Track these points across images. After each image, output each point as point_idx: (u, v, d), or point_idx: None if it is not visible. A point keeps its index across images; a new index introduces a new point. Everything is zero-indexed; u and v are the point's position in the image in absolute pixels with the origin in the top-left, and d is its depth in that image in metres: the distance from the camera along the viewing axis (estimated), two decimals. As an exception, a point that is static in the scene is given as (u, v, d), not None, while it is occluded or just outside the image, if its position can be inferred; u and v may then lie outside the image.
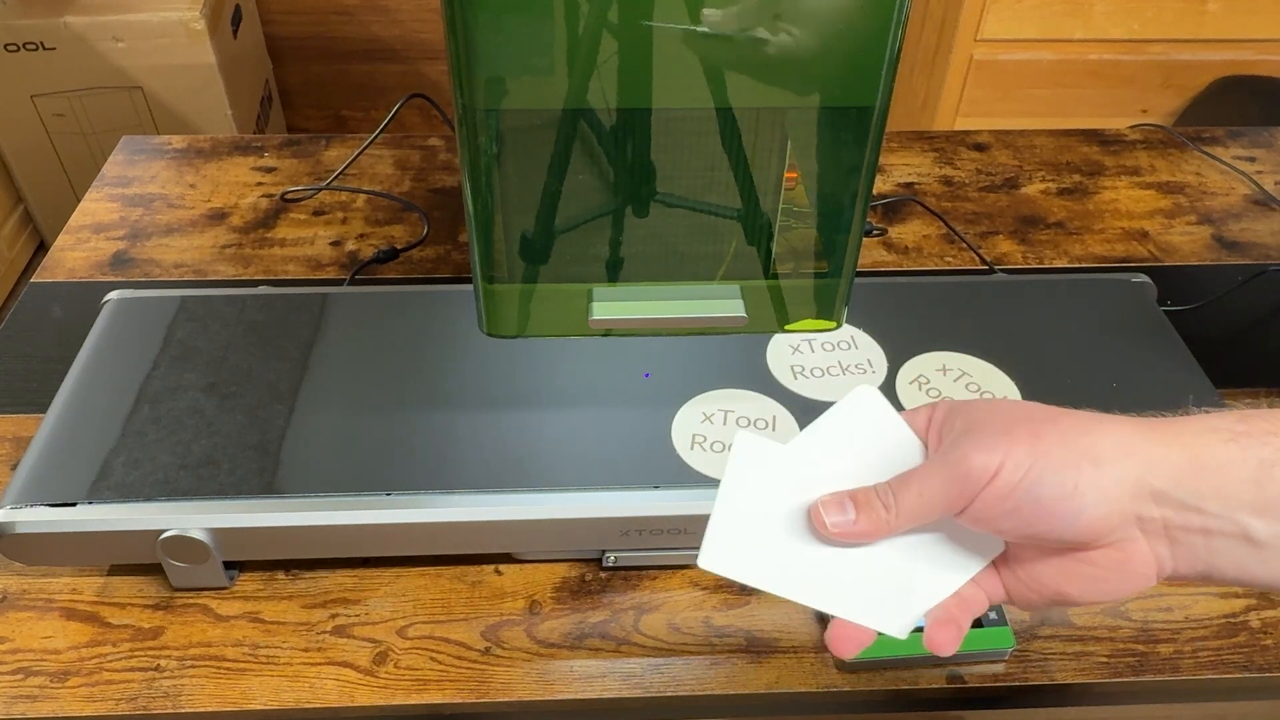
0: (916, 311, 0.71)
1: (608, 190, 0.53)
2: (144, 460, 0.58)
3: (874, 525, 0.38)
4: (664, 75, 0.48)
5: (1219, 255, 0.88)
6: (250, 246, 0.87)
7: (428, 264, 0.85)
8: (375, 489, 0.57)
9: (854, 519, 0.38)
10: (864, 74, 0.48)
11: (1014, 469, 0.35)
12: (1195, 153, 1.02)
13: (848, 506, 0.39)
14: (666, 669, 0.57)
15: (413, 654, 0.57)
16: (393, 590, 0.60)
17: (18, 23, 1.65)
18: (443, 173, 0.97)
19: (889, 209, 0.93)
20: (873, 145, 0.51)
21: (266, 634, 0.58)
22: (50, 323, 0.78)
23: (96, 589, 0.60)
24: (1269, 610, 0.60)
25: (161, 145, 1.00)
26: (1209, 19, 1.65)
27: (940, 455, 0.38)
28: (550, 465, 0.59)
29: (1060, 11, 1.63)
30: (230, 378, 0.64)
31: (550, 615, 0.59)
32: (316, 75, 2.22)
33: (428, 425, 0.61)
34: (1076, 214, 0.93)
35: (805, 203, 0.54)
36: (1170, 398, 0.64)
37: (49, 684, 0.55)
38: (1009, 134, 1.04)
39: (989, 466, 0.35)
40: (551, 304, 0.57)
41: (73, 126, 1.77)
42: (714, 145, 0.51)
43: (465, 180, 0.52)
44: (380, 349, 0.66)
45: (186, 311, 0.68)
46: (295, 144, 1.00)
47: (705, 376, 0.65)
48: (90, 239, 0.87)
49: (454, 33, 0.46)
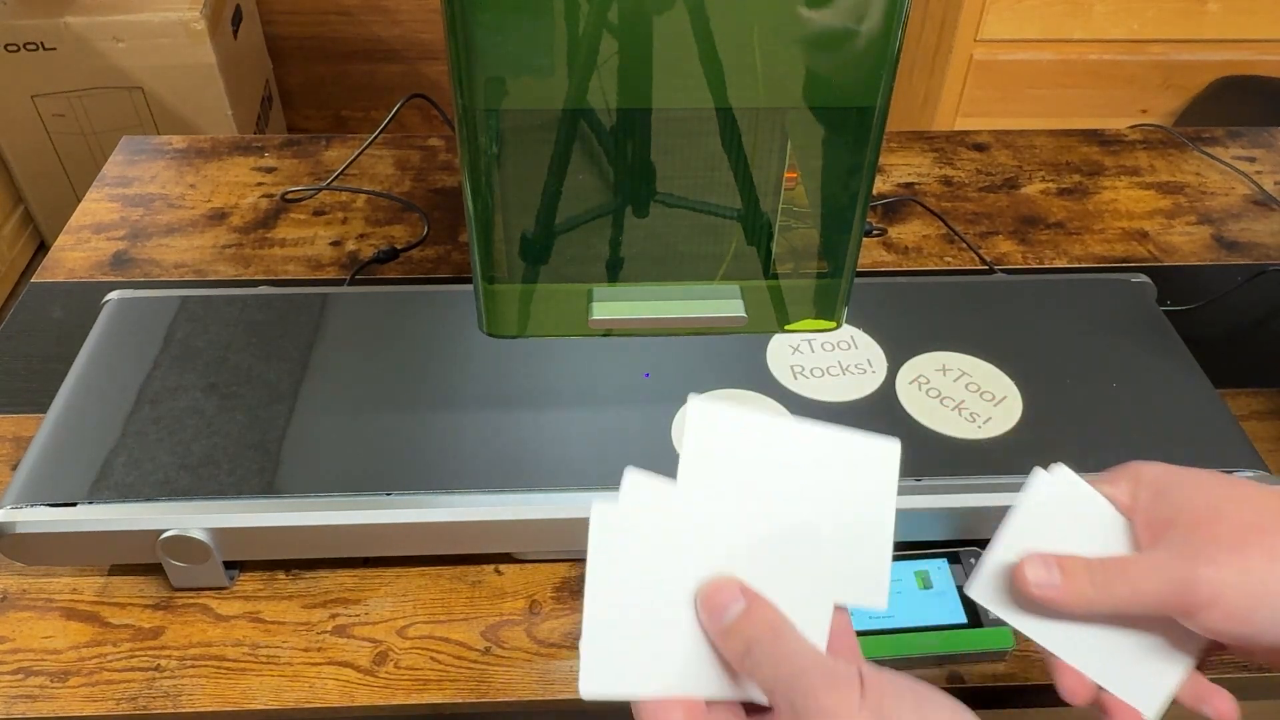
0: (916, 311, 0.71)
1: (608, 190, 0.53)
2: (144, 460, 0.58)
3: (1075, 598, 0.35)
4: (664, 75, 0.48)
5: (1219, 255, 0.88)
6: (250, 246, 0.87)
7: (428, 264, 0.85)
8: (375, 489, 0.57)
9: (1060, 584, 0.35)
10: (864, 74, 0.48)
11: (1245, 596, 0.32)
12: (1195, 153, 1.02)
13: (1054, 569, 0.36)
14: (666, 669, 0.57)
15: (413, 654, 0.57)
16: (393, 590, 0.60)
17: (18, 23, 1.65)
18: (443, 173, 0.97)
19: (889, 209, 0.93)
20: (873, 145, 0.51)
21: (266, 634, 0.58)
22: (50, 323, 0.78)
23: (96, 589, 0.60)
24: (1269, 610, 0.60)
25: (161, 145, 1.00)
26: (1209, 19, 1.65)
27: (1164, 553, 0.34)
28: (550, 465, 0.59)
29: (1060, 11, 1.64)
30: (230, 378, 0.64)
31: (550, 615, 0.59)
32: (316, 75, 2.22)
33: (428, 425, 0.61)
34: (1076, 214, 0.93)
35: (805, 203, 0.54)
36: (1170, 398, 0.64)
37: (49, 684, 0.55)
38: (1009, 134, 1.04)
39: (1218, 587, 0.32)
40: (551, 304, 0.57)
41: (73, 126, 1.77)
42: (714, 145, 0.51)
43: (465, 180, 0.52)
44: (380, 349, 0.66)
45: (186, 311, 0.68)
46: (295, 144, 1.00)
47: (705, 376, 0.65)
48: (90, 239, 0.87)
49: (454, 33, 0.46)
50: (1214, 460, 0.60)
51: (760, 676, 0.33)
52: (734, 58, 0.47)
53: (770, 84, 0.49)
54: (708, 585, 0.35)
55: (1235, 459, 0.60)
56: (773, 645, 0.33)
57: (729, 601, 0.34)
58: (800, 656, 0.33)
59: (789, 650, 0.33)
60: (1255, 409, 0.73)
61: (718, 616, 0.34)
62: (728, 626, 0.34)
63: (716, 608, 0.34)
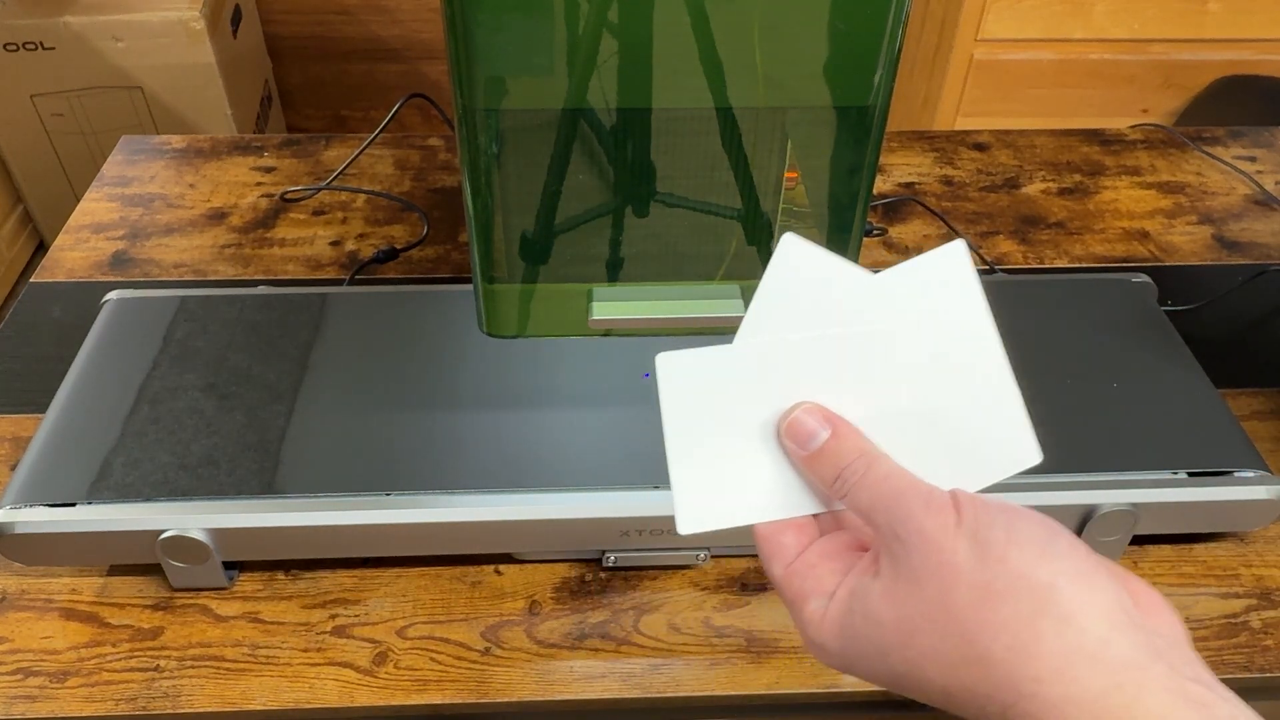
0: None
1: (608, 190, 0.53)
2: (144, 460, 0.58)
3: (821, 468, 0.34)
4: (664, 75, 0.48)
5: (1219, 255, 0.88)
6: (250, 246, 0.87)
7: (428, 264, 0.85)
8: (375, 489, 0.57)
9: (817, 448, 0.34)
10: (864, 74, 0.48)
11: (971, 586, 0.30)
12: (1196, 153, 1.02)
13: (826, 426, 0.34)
14: (666, 669, 0.57)
15: (413, 654, 0.57)
16: (393, 590, 0.60)
17: (18, 23, 1.65)
18: (443, 173, 0.97)
19: (889, 209, 0.93)
20: (873, 145, 0.51)
21: (266, 634, 0.58)
22: (50, 323, 0.78)
23: (96, 589, 0.60)
24: (1269, 610, 0.60)
25: (161, 145, 1.00)
26: (1209, 19, 1.65)
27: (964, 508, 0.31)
28: (550, 465, 0.59)
29: (1060, 11, 1.64)
30: (230, 378, 0.64)
31: (550, 615, 0.59)
32: (316, 75, 2.21)
33: (428, 425, 0.61)
34: (1077, 214, 0.93)
35: (805, 203, 0.54)
36: (1171, 398, 0.64)
37: (49, 684, 0.55)
38: (1009, 134, 1.04)
39: None
40: (551, 304, 0.57)
41: (72, 126, 1.77)
42: (714, 145, 0.51)
43: (465, 180, 0.52)
44: (380, 349, 0.66)
45: (186, 311, 0.68)
46: (295, 144, 1.00)
47: (705, 376, 0.65)
48: (90, 239, 0.87)
49: (454, 33, 0.46)
50: (1214, 460, 0.60)
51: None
52: (734, 58, 0.47)
53: (770, 84, 0.49)
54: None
55: (1235, 459, 0.60)
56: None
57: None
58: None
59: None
60: (1255, 409, 0.73)
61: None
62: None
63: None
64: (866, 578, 0.32)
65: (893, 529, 0.31)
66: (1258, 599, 0.61)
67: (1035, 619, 0.28)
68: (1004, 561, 0.29)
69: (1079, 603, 0.29)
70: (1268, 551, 0.64)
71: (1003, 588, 0.29)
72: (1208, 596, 0.61)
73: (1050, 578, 0.29)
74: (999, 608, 0.29)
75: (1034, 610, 0.29)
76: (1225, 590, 0.62)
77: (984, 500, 0.32)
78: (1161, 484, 0.59)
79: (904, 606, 0.31)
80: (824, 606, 0.33)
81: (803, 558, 0.35)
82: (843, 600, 0.33)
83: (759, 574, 0.62)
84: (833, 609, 0.33)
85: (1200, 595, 0.61)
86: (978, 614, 0.29)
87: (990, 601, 0.29)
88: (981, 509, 0.31)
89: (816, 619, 0.33)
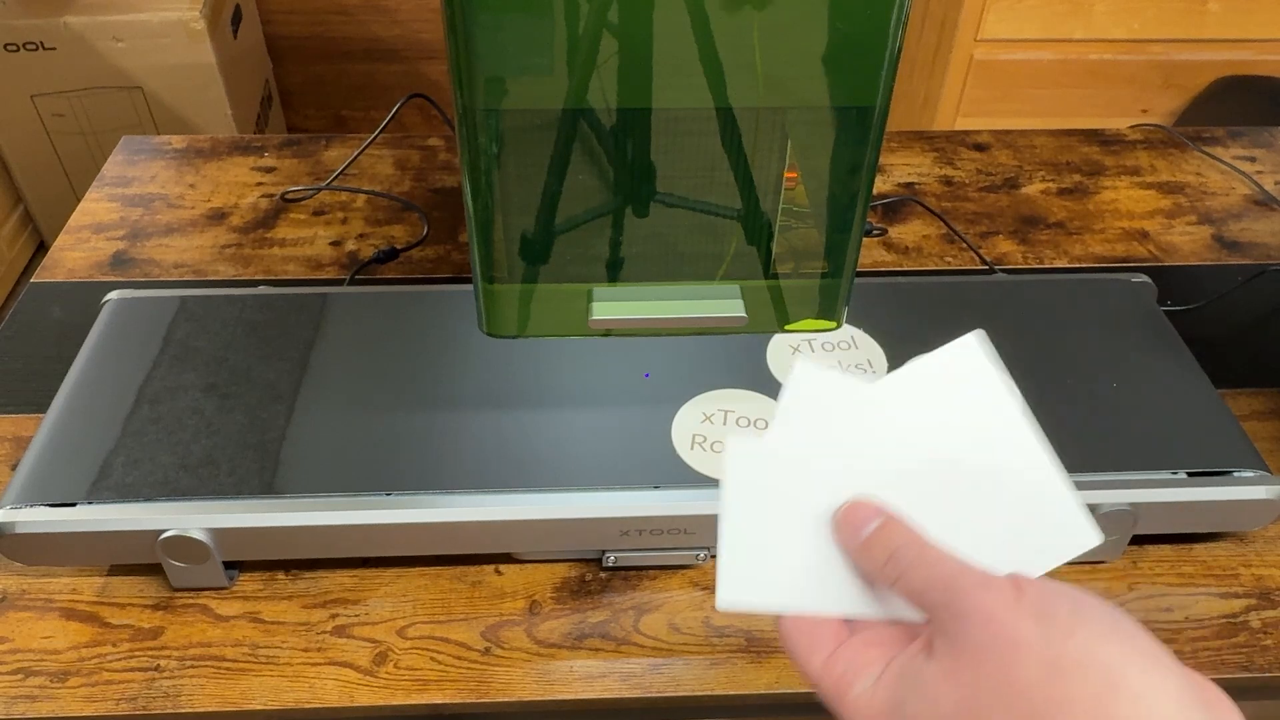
0: (916, 311, 0.71)
1: (608, 190, 0.53)
2: (144, 460, 0.58)
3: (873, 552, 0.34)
4: (664, 75, 0.48)
5: (1219, 255, 0.88)
6: (250, 246, 0.87)
7: (428, 264, 0.85)
8: (375, 489, 0.57)
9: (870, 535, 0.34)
10: (864, 74, 0.48)
11: None
12: (1195, 153, 1.02)
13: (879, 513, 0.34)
14: (666, 669, 0.57)
15: (413, 654, 0.57)
16: (393, 590, 0.60)
17: (18, 23, 1.65)
18: (443, 173, 0.97)
19: (889, 209, 0.93)
20: (873, 145, 0.51)
21: (266, 634, 0.58)
22: (50, 323, 0.78)
23: (96, 589, 0.60)
24: (1269, 610, 0.60)
25: (161, 145, 1.00)
26: (1209, 19, 1.65)
27: None
28: (550, 465, 0.59)
29: (1060, 11, 1.64)
30: (230, 378, 0.64)
31: (550, 615, 0.59)
32: (316, 75, 2.22)
33: (428, 425, 0.61)
34: (1077, 214, 0.93)
35: (805, 203, 0.54)
36: (1170, 398, 0.64)
37: (49, 684, 0.55)
38: (1009, 134, 1.04)
39: None
40: (551, 304, 0.57)
41: (73, 126, 1.77)
42: (714, 145, 0.51)
43: (465, 180, 0.52)
44: (380, 349, 0.66)
45: (186, 311, 0.68)
46: (295, 144, 1.00)
47: (705, 376, 0.65)
48: (90, 239, 0.87)
49: (454, 33, 0.46)
50: (1214, 460, 0.60)
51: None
52: (734, 58, 0.47)
53: (770, 84, 0.49)
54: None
55: (1235, 459, 0.60)
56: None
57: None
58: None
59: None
60: (1255, 409, 0.73)
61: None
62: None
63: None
64: (919, 659, 0.31)
65: (950, 607, 0.31)
66: (1257, 599, 0.61)
67: (1106, 696, 0.28)
68: (1071, 637, 0.29)
69: (1149, 683, 0.28)
70: (1267, 551, 0.64)
71: (1071, 664, 0.28)
72: (1207, 596, 0.61)
73: (1120, 656, 0.28)
74: (1068, 684, 0.28)
75: (1104, 688, 0.28)
76: (1225, 590, 0.62)
77: (1045, 580, 0.31)
78: (1161, 484, 0.59)
79: (966, 685, 0.30)
80: (869, 690, 0.32)
81: (843, 648, 0.34)
82: (889, 685, 0.32)
83: (759, 574, 0.62)
84: (880, 693, 0.32)
85: (1200, 595, 0.61)
86: (1046, 690, 0.28)
87: (1059, 678, 0.28)
88: (1043, 586, 0.30)
89: (863, 704, 0.32)
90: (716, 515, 0.35)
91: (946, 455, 0.35)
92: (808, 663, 0.34)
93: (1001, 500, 0.35)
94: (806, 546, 0.35)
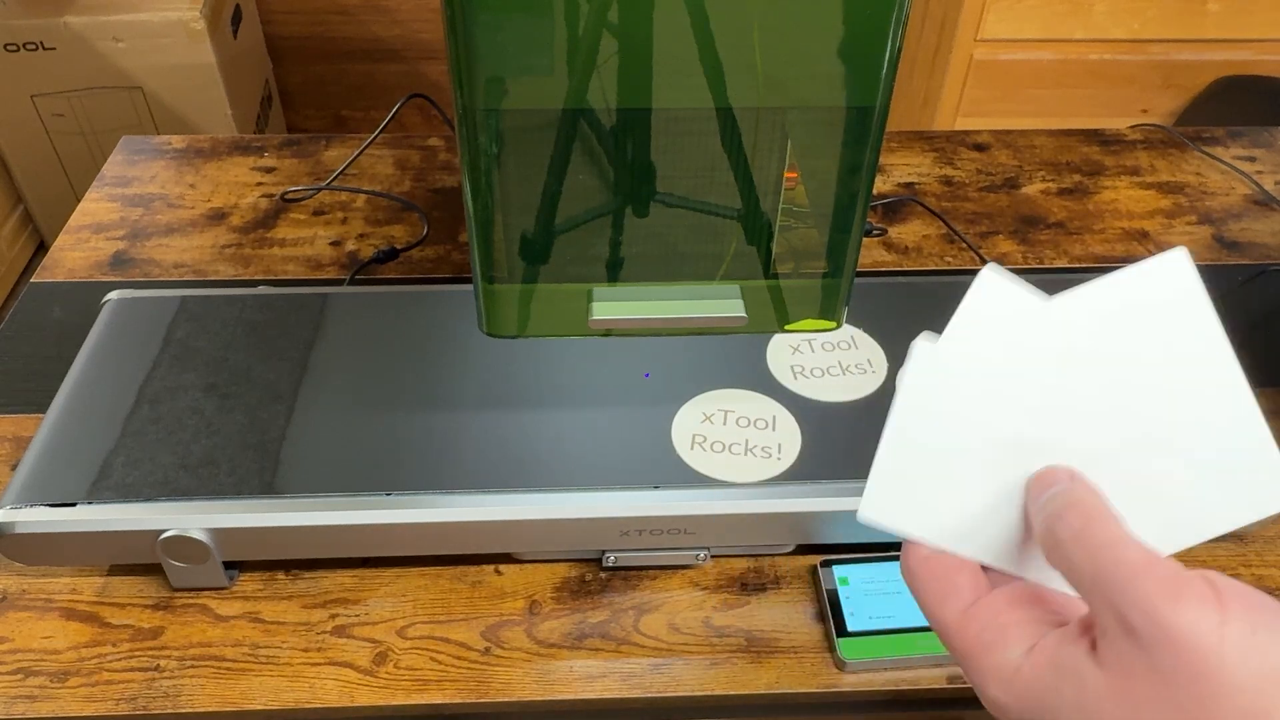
0: (916, 311, 0.71)
1: (608, 190, 0.53)
2: (144, 460, 0.58)
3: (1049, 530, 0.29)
4: (664, 75, 0.48)
5: (1219, 255, 0.88)
6: (250, 246, 0.87)
7: (428, 264, 0.85)
8: (375, 489, 0.57)
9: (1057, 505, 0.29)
10: (864, 74, 0.48)
11: None
12: (1195, 153, 1.02)
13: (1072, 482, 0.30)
14: (666, 669, 0.57)
15: (413, 654, 0.57)
16: (393, 590, 0.60)
17: (18, 23, 1.65)
18: (443, 173, 0.97)
19: (889, 209, 0.93)
20: (873, 145, 0.51)
21: (266, 634, 0.58)
22: (50, 323, 0.78)
23: (96, 589, 0.60)
24: (1269, 610, 0.60)
25: (161, 145, 1.00)
26: (1209, 19, 1.65)
27: None
28: (550, 465, 0.59)
29: (1060, 11, 1.64)
30: (230, 378, 0.64)
31: (550, 615, 0.59)
32: (316, 75, 2.22)
33: (428, 425, 0.61)
34: (1076, 214, 0.93)
35: (805, 203, 0.54)
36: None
37: (49, 684, 0.55)
38: (1009, 134, 1.04)
39: None
40: (551, 304, 0.57)
41: (73, 126, 1.77)
42: (714, 145, 0.51)
43: (465, 180, 0.52)
44: (380, 349, 0.66)
45: (186, 311, 0.68)
46: (295, 144, 1.00)
47: (705, 376, 0.65)
48: (90, 239, 0.87)
49: (454, 33, 0.46)
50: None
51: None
52: (734, 58, 0.47)
53: (770, 84, 0.49)
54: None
55: (1235, 459, 0.60)
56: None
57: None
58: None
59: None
60: (1255, 409, 0.73)
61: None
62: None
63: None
64: (1080, 654, 0.27)
65: (1125, 620, 0.26)
66: (1257, 599, 0.61)
67: None
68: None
69: None
70: (1267, 551, 0.64)
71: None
72: (1207, 596, 0.61)
73: None
74: None
75: None
76: (1225, 590, 0.61)
77: (1250, 591, 0.26)
78: (1161, 484, 0.59)
79: (1144, 711, 0.26)
80: (1016, 663, 0.29)
81: (984, 602, 0.31)
82: (1041, 670, 0.28)
83: (759, 574, 0.62)
84: (1028, 671, 0.28)
85: (1200, 595, 0.61)
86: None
87: None
88: (1255, 604, 0.25)
89: (1006, 675, 0.29)
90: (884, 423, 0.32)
91: (1139, 387, 0.31)
92: (940, 608, 0.31)
93: (1194, 443, 0.31)
94: (972, 481, 0.32)
